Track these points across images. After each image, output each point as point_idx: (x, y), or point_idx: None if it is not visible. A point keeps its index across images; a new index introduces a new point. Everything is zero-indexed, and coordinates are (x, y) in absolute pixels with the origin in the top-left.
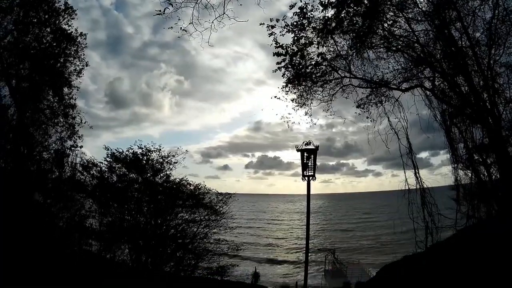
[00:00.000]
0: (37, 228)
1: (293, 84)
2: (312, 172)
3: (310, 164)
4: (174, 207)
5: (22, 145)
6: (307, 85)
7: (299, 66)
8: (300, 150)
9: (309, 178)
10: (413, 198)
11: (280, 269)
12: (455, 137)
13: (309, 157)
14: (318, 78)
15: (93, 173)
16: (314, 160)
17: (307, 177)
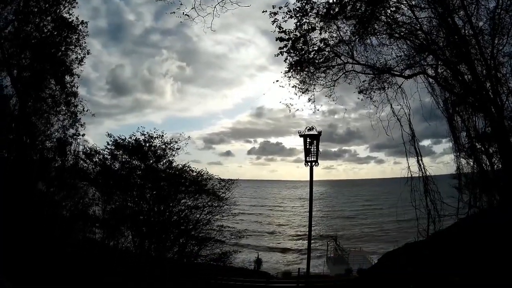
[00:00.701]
0: (41, 218)
1: (296, 69)
2: (315, 158)
3: (312, 149)
4: (176, 194)
5: (25, 135)
6: (309, 70)
7: (302, 52)
8: (302, 135)
9: (311, 163)
10: (415, 186)
11: (283, 256)
12: (458, 126)
13: (312, 143)
14: (320, 63)
15: (96, 161)
16: (316, 145)
17: (309, 163)
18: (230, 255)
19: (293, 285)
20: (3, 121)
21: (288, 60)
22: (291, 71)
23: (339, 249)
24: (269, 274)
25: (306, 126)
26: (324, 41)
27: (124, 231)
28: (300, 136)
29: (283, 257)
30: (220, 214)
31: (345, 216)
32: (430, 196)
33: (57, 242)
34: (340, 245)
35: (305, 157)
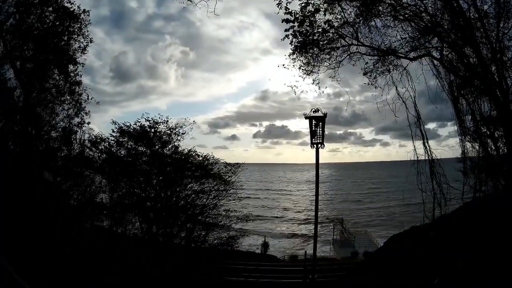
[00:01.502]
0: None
1: (301, 51)
2: (321, 140)
3: (318, 131)
4: (183, 178)
5: (30, 126)
6: (314, 52)
7: (307, 34)
8: (308, 117)
9: (317, 145)
10: (421, 168)
11: (289, 240)
12: (463, 109)
13: (318, 125)
14: (325, 45)
15: (102, 148)
16: (322, 127)
17: (315, 145)
18: (237, 239)
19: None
20: (7, 113)
21: (293, 42)
22: (295, 53)
23: (345, 232)
24: (276, 257)
25: (312, 108)
26: (329, 23)
27: (131, 217)
28: (306, 118)
29: (289, 241)
30: (227, 198)
31: (351, 199)
32: (436, 178)
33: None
34: (346, 228)
35: (311, 139)
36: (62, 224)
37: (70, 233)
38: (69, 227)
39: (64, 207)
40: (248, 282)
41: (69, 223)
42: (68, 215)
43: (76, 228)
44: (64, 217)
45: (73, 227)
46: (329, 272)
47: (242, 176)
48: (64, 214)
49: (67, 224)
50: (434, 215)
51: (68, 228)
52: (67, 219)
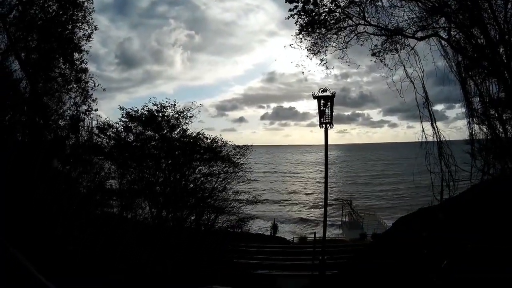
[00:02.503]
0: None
1: (307, 31)
2: (330, 120)
3: (327, 111)
4: (192, 162)
5: (37, 116)
6: (321, 32)
7: (312, 13)
8: (316, 97)
9: (326, 125)
10: (430, 149)
11: (298, 222)
12: (471, 90)
13: (326, 104)
14: (332, 25)
15: (110, 134)
16: (331, 107)
17: (324, 125)
18: (247, 221)
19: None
20: (14, 105)
21: (299, 22)
22: (302, 33)
23: (354, 213)
24: (285, 239)
25: (320, 88)
26: (335, 2)
27: (141, 202)
28: (314, 98)
29: (298, 223)
30: (236, 180)
31: (360, 181)
32: (444, 159)
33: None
34: (354, 210)
35: (319, 119)
36: (63, 222)
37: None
38: (71, 225)
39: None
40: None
41: (70, 221)
42: (69, 214)
43: (77, 226)
44: (66, 215)
45: (74, 224)
46: (338, 254)
47: (250, 159)
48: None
49: (68, 222)
50: (443, 196)
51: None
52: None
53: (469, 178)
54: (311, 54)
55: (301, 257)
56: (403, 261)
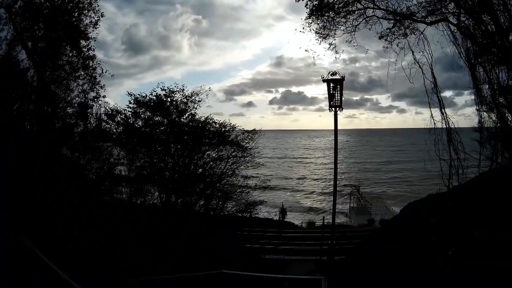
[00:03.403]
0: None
1: (316, 14)
2: (339, 103)
3: (336, 94)
4: (200, 146)
5: (45, 104)
6: (330, 15)
7: None
8: (326, 80)
9: (335, 108)
10: (438, 134)
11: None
12: (480, 77)
13: (335, 88)
14: (340, 8)
15: (118, 121)
16: (340, 90)
17: (333, 108)
18: (255, 206)
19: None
20: (22, 94)
21: (308, 5)
22: (312, 17)
23: (362, 199)
24: (293, 224)
25: (329, 71)
26: None
27: (150, 188)
28: (323, 81)
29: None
30: (245, 164)
31: (368, 167)
32: (453, 145)
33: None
34: (362, 195)
35: (329, 102)
36: (63, 222)
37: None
38: (71, 225)
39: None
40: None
41: (70, 221)
42: (69, 214)
43: (77, 226)
44: (66, 215)
45: (74, 224)
46: (346, 239)
47: (259, 143)
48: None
49: (68, 222)
50: (452, 183)
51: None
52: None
53: (477, 165)
54: (320, 38)
55: (309, 242)
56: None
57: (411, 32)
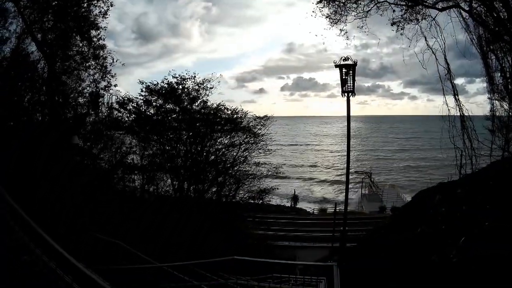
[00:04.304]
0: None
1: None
2: (351, 88)
3: (349, 80)
4: (213, 133)
5: (57, 95)
6: (341, 1)
7: None
8: (338, 65)
9: (348, 94)
10: (452, 121)
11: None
12: (492, 65)
13: (348, 73)
14: None
15: (130, 109)
16: (353, 75)
17: (346, 93)
18: (267, 192)
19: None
20: (32, 86)
21: None
22: (323, 1)
23: (374, 186)
24: (305, 210)
25: (341, 57)
26: None
27: (163, 175)
28: (336, 67)
29: (318, 194)
30: (257, 151)
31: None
32: (467, 133)
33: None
34: (374, 182)
35: (341, 87)
36: (66, 220)
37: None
38: (74, 223)
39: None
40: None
41: (73, 219)
42: (72, 212)
43: (80, 224)
44: (69, 213)
45: (77, 223)
46: (358, 226)
47: (270, 129)
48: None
49: (71, 221)
50: (465, 171)
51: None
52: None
53: (489, 154)
54: (331, 23)
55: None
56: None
57: (423, 18)
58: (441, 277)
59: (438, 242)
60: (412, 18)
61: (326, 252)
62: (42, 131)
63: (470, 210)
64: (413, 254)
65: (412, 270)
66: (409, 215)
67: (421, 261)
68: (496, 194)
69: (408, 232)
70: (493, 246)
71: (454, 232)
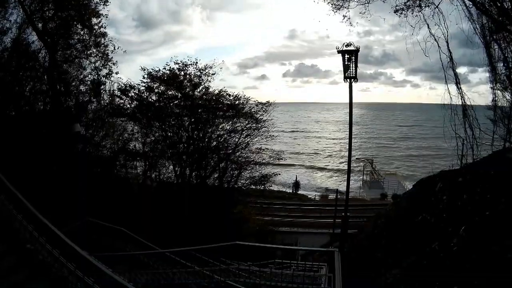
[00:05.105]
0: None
1: None
2: (354, 74)
3: (351, 66)
4: (215, 119)
5: (58, 84)
6: None
7: None
8: (341, 51)
9: (351, 79)
10: (454, 109)
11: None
12: (495, 54)
13: (350, 59)
14: None
15: (132, 96)
16: (355, 61)
17: (348, 79)
18: (269, 178)
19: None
20: (34, 76)
21: None
22: None
23: (375, 173)
24: (307, 196)
25: (344, 43)
26: None
27: (165, 161)
28: (338, 52)
29: (320, 181)
30: (259, 136)
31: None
32: (468, 121)
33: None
34: (376, 169)
35: (344, 73)
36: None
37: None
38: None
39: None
40: None
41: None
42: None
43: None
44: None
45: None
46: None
47: (272, 116)
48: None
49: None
50: (467, 160)
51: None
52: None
53: (491, 144)
54: (334, 9)
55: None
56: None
57: (426, 5)
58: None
59: (439, 230)
60: (415, 5)
61: (327, 238)
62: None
63: (471, 199)
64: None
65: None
66: (410, 202)
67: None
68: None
69: (409, 219)
70: (491, 235)
71: (455, 220)
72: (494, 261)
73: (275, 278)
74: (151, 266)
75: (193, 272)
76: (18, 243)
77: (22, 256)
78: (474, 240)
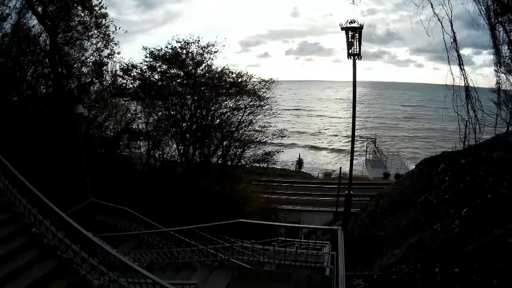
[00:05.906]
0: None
1: None
2: (358, 51)
3: (355, 43)
4: (218, 97)
5: (60, 66)
6: None
7: None
8: (344, 28)
9: (354, 57)
10: (457, 91)
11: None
12: (500, 37)
13: (354, 36)
14: None
15: (134, 75)
16: (359, 39)
17: (352, 56)
18: (273, 155)
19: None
20: (35, 59)
21: None
22: None
23: (378, 152)
24: (310, 174)
25: (348, 20)
26: None
27: (168, 140)
28: (342, 29)
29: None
30: (262, 114)
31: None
32: (471, 103)
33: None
34: (379, 148)
35: (347, 50)
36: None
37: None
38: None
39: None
40: None
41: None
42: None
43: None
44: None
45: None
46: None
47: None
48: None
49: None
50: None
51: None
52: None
53: (493, 126)
54: None
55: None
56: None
57: None
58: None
59: (441, 211)
60: None
61: (330, 216)
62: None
63: (474, 181)
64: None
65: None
66: (412, 182)
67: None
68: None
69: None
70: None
71: (457, 202)
72: (495, 245)
73: (278, 256)
74: (155, 245)
75: (197, 250)
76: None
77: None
78: (476, 223)
